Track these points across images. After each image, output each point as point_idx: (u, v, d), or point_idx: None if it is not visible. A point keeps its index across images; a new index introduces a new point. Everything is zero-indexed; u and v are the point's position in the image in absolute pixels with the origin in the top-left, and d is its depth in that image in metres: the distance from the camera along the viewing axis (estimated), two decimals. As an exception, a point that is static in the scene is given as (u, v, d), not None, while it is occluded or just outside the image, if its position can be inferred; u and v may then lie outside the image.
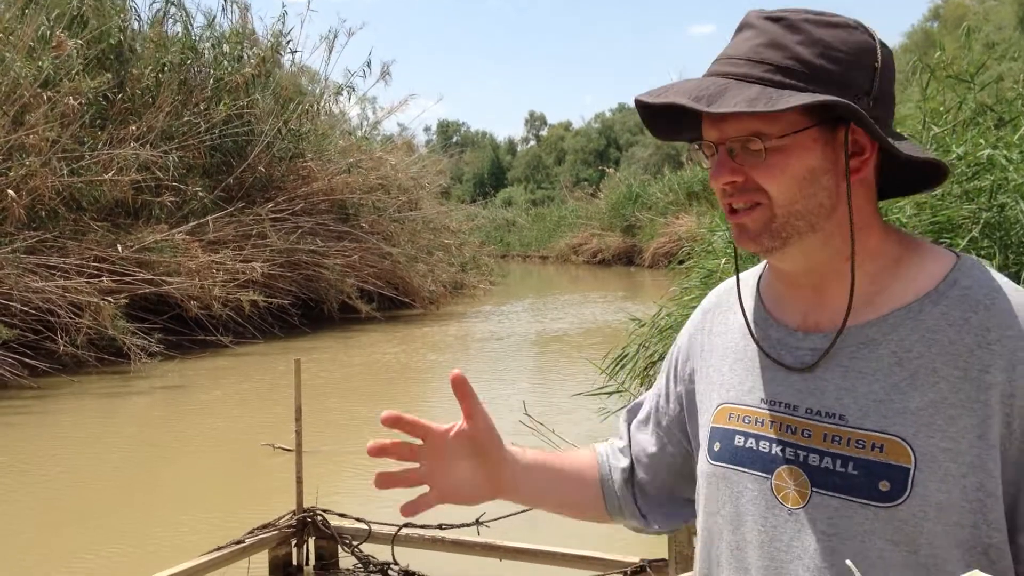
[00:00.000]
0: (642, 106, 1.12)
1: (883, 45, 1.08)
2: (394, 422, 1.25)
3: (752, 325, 1.19)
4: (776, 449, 1.11)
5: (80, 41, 13.58)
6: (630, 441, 1.40)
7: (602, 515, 1.40)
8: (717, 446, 1.18)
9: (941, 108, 5.97)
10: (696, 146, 1.12)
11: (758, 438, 1.13)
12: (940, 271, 1.08)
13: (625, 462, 1.38)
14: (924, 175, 1.14)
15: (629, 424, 1.42)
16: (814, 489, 1.06)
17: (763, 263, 1.28)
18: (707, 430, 1.21)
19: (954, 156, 5.34)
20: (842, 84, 1.03)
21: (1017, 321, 1.02)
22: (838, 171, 1.06)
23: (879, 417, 1.04)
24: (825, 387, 1.08)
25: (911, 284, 1.09)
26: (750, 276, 1.27)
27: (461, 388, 1.26)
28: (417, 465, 1.26)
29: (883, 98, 1.07)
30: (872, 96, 1.05)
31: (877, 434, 1.03)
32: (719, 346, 1.25)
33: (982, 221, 4.95)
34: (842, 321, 1.08)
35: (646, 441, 1.37)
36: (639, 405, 1.42)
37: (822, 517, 1.05)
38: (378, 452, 1.22)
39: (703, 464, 1.21)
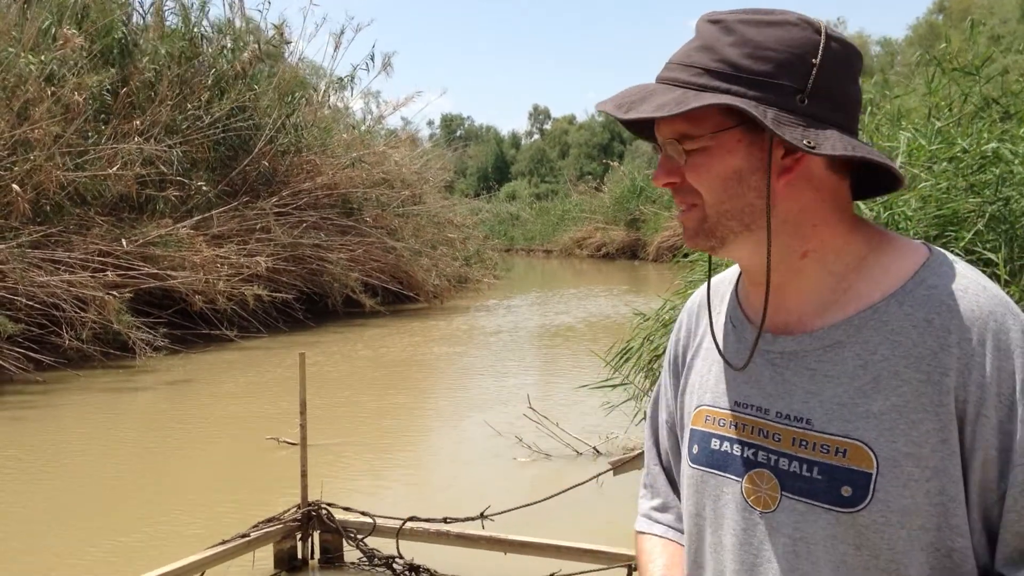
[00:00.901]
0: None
1: (836, 40, 1.06)
2: None
3: (731, 327, 1.20)
4: (748, 453, 1.11)
5: (79, 36, 13.53)
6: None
7: None
8: (695, 449, 1.18)
9: (944, 103, 5.96)
10: (656, 146, 1.14)
11: (732, 441, 1.13)
12: (908, 268, 1.07)
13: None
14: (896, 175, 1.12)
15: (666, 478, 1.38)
16: (784, 493, 1.07)
17: None
18: (687, 432, 1.21)
19: (959, 149, 5.33)
20: (768, 84, 1.03)
21: (977, 325, 1.01)
22: (764, 169, 1.05)
23: (843, 422, 1.03)
24: (793, 390, 1.08)
25: (878, 283, 1.07)
26: (729, 277, 1.27)
27: None
28: None
29: (824, 95, 1.04)
30: (807, 93, 1.03)
31: (840, 439, 1.03)
32: (702, 347, 1.25)
33: (987, 214, 4.94)
34: (809, 325, 1.09)
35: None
36: (655, 452, 1.39)
37: (789, 521, 1.06)
38: None
39: (684, 467, 1.21)
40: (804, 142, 1.00)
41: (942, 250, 1.10)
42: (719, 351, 1.18)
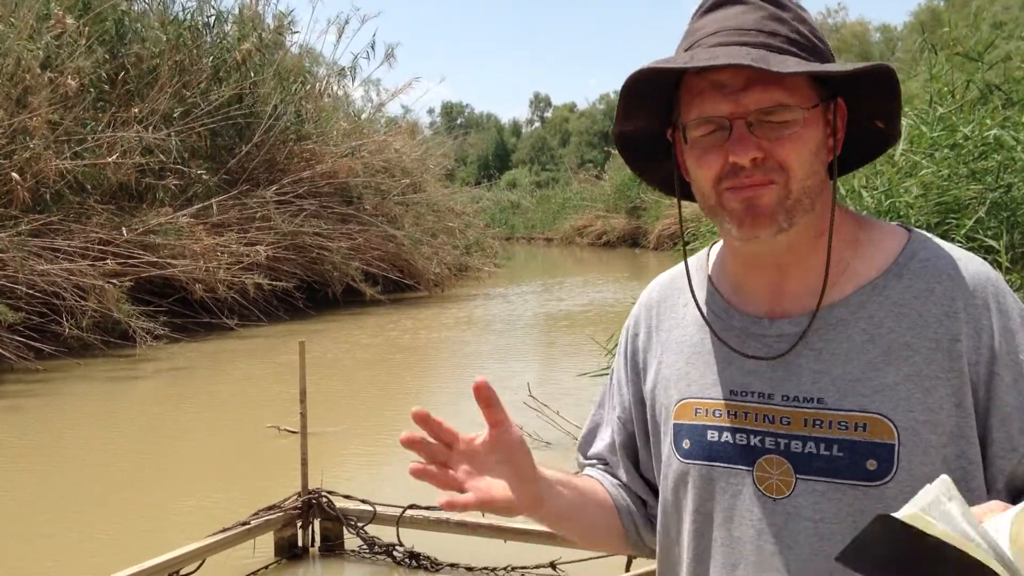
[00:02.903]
0: (640, 82, 1.06)
1: None
2: (422, 421, 1.14)
3: (710, 317, 1.16)
4: (755, 440, 1.09)
5: (73, 19, 13.47)
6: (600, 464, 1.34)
7: (619, 541, 1.31)
8: (687, 443, 1.14)
9: (948, 88, 5.93)
10: (696, 120, 1.05)
11: (733, 431, 1.11)
12: (896, 245, 1.09)
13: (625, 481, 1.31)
14: (869, 150, 1.16)
15: (586, 454, 1.35)
16: (798, 476, 1.05)
17: (705, 251, 1.25)
18: (668, 427, 1.18)
19: (961, 136, 5.31)
20: (830, 59, 1.06)
21: (979, 291, 1.04)
22: (828, 147, 1.07)
23: (858, 396, 1.03)
24: (800, 372, 1.07)
25: (872, 260, 1.09)
26: (696, 265, 1.23)
27: (485, 396, 1.12)
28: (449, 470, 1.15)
29: None
30: None
31: (858, 413, 1.03)
32: (672, 341, 1.21)
33: (989, 201, 4.92)
34: (815, 304, 1.08)
35: (622, 464, 1.30)
36: (594, 432, 1.35)
37: (809, 504, 1.05)
38: (409, 444, 1.14)
39: (673, 463, 1.16)
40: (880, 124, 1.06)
41: (917, 229, 1.14)
42: (722, 342, 1.13)
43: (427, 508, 4.93)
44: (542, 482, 1.18)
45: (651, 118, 1.12)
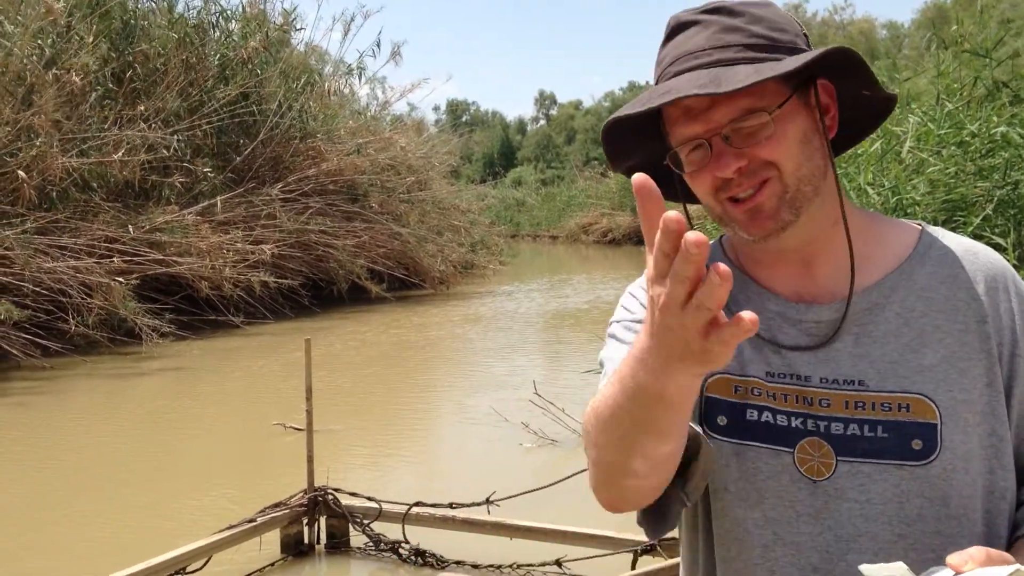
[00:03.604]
0: (615, 129, 1.10)
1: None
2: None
3: (746, 299, 1.16)
4: (796, 422, 1.09)
5: (68, 12, 13.44)
6: None
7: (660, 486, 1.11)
8: (723, 420, 1.13)
9: (956, 85, 5.90)
10: (677, 149, 1.08)
11: (774, 411, 1.11)
12: (911, 237, 1.14)
13: None
14: (872, 118, 1.18)
15: None
16: (839, 458, 1.07)
17: (715, 241, 1.25)
18: (700, 399, 1.15)
19: (968, 133, 5.29)
20: (797, 50, 1.07)
21: (999, 276, 1.10)
22: (819, 130, 1.08)
23: (898, 378, 1.06)
24: (838, 356, 1.09)
25: (891, 249, 1.13)
26: (715, 254, 1.24)
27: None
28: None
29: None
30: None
31: (900, 394, 1.06)
32: None
33: (996, 199, 4.91)
34: (848, 289, 1.10)
35: None
36: None
37: (853, 485, 1.06)
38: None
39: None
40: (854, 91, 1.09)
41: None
42: (760, 336, 1.11)
43: (433, 505, 4.93)
44: None
45: (649, 147, 1.16)
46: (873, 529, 1.05)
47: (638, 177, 0.79)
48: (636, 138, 1.14)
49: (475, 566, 4.84)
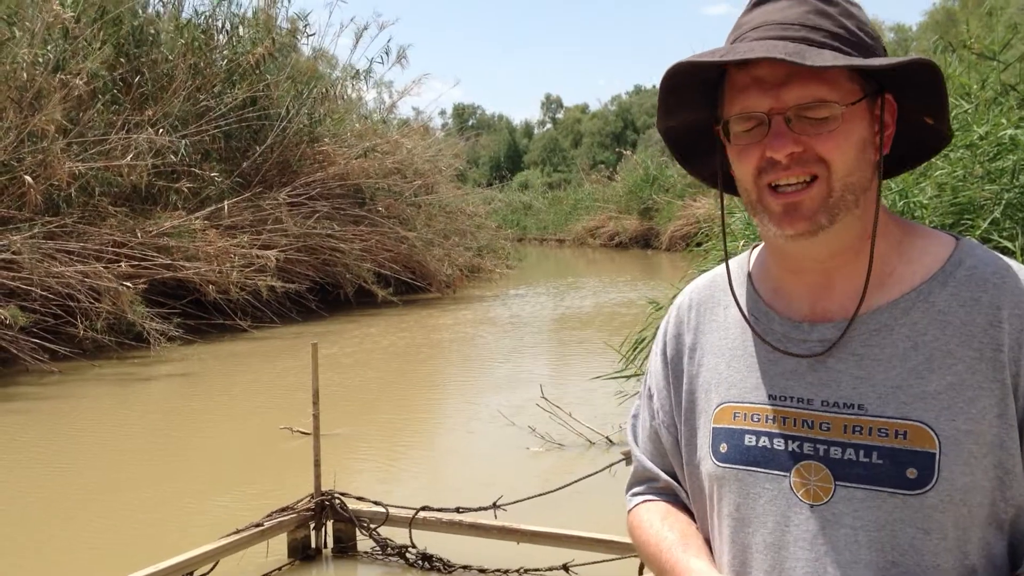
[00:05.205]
0: (676, 77, 1.06)
1: None
2: None
3: (753, 319, 1.15)
4: (793, 445, 1.08)
5: (75, 20, 13.46)
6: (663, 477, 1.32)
7: None
8: (724, 447, 1.14)
9: (962, 88, 5.89)
10: (736, 116, 1.06)
11: (771, 436, 1.10)
12: (944, 251, 1.08)
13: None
14: (920, 150, 1.15)
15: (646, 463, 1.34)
16: (838, 483, 1.04)
17: (746, 253, 1.24)
18: (707, 431, 1.17)
19: (976, 136, 5.27)
20: (878, 55, 1.05)
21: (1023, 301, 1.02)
22: (875, 144, 1.06)
23: (899, 403, 1.02)
24: (840, 378, 1.06)
25: (918, 265, 1.08)
26: (736, 268, 1.22)
27: None
28: None
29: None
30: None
31: (899, 421, 1.02)
32: (712, 344, 1.20)
33: (1004, 202, 4.89)
34: (855, 308, 1.06)
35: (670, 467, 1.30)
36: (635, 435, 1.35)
37: (848, 511, 1.03)
38: None
39: (708, 466, 1.16)
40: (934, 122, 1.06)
41: (967, 236, 1.11)
42: (766, 342, 1.12)
43: (439, 510, 4.93)
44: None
45: (696, 112, 1.12)
46: (868, 556, 1.02)
47: None
48: (690, 96, 1.11)
49: (482, 570, 4.83)
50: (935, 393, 1.01)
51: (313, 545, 5.13)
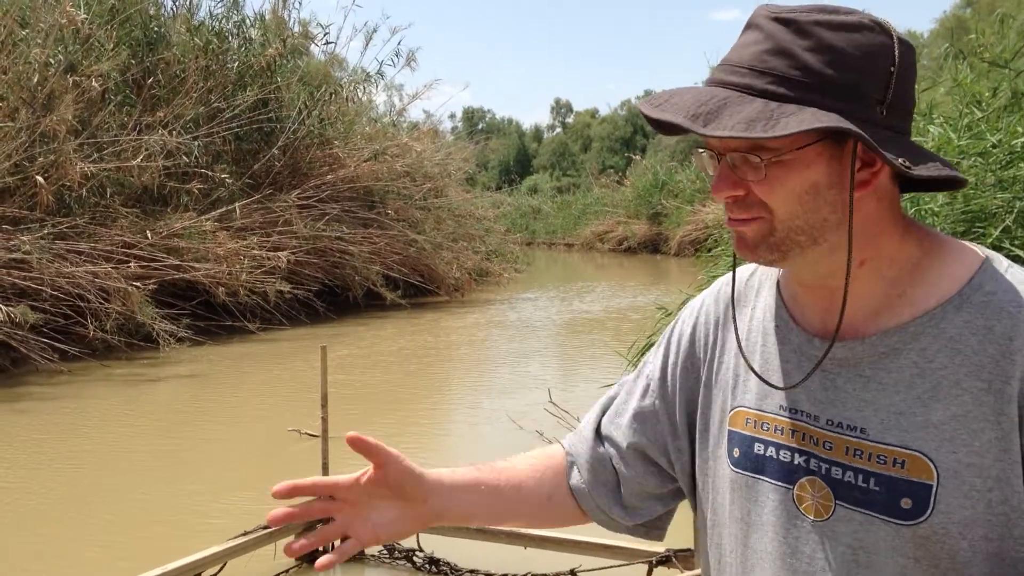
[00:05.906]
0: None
1: (902, 43, 0.99)
2: (289, 492, 1.19)
3: (773, 327, 1.14)
4: (798, 459, 1.07)
5: (87, 21, 13.52)
6: (599, 434, 1.32)
7: (567, 516, 1.34)
8: (736, 452, 1.14)
9: (981, 89, 5.87)
10: (700, 150, 1.06)
11: (778, 447, 1.09)
12: (964, 273, 1.02)
13: (601, 455, 1.30)
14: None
15: (601, 417, 1.34)
16: (838, 502, 1.03)
17: None
18: (723, 432, 1.17)
19: (989, 144, 5.26)
20: (853, 95, 0.96)
21: None
22: (845, 183, 0.99)
23: (900, 431, 0.99)
24: (847, 399, 1.04)
25: (934, 288, 1.03)
26: (768, 271, 1.20)
27: (362, 446, 1.22)
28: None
29: (899, 103, 0.99)
30: (886, 104, 0.98)
31: (898, 449, 0.99)
32: (734, 343, 1.18)
33: (1016, 210, 4.87)
34: (833, 335, 1.04)
35: (625, 434, 1.29)
36: (612, 398, 1.35)
37: (848, 530, 1.03)
38: (288, 495, 1.19)
39: (724, 469, 1.16)
40: (901, 161, 0.95)
41: (997, 254, 1.05)
42: (750, 368, 1.13)
43: (447, 514, 4.92)
44: (441, 493, 1.28)
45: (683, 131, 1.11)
46: (863, 575, 1.01)
47: (348, 437, 1.18)
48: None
49: (489, 575, 4.83)
50: (938, 423, 0.98)
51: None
